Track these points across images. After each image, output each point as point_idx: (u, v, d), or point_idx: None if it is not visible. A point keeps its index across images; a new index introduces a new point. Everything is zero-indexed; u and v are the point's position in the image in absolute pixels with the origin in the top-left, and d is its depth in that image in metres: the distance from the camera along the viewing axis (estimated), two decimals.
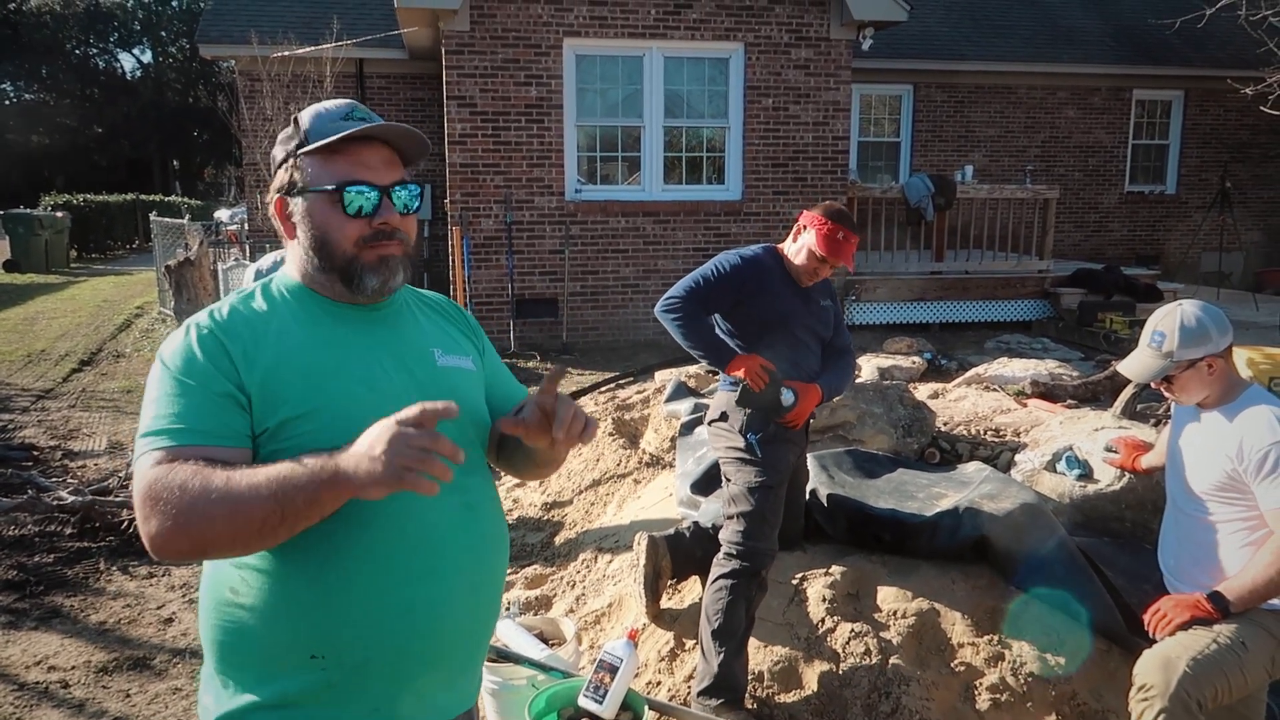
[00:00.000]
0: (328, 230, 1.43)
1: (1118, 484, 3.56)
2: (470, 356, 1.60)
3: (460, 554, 1.43)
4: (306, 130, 1.45)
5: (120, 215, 24.26)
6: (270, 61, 9.57)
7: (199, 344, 1.37)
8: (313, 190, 1.44)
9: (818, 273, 3.04)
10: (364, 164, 1.43)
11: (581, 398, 7.51)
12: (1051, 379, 5.91)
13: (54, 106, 37.20)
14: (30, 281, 16.09)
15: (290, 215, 1.47)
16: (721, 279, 3.01)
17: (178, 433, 1.31)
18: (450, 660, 1.46)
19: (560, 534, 4.58)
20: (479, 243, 9.22)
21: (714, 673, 2.84)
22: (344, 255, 1.44)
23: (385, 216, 1.44)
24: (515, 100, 9.10)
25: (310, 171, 1.44)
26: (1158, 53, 13.31)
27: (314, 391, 1.37)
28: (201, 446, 1.30)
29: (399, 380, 1.45)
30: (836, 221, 2.97)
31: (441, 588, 1.40)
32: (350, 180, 1.42)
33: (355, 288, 1.45)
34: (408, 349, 1.50)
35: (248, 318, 1.42)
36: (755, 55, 9.51)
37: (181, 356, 1.36)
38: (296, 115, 1.49)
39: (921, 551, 3.32)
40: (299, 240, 1.47)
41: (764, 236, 9.63)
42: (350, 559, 1.35)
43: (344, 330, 1.46)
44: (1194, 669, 2.36)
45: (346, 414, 1.35)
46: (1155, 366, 2.60)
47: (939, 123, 12.94)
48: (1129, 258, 13.24)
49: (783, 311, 3.01)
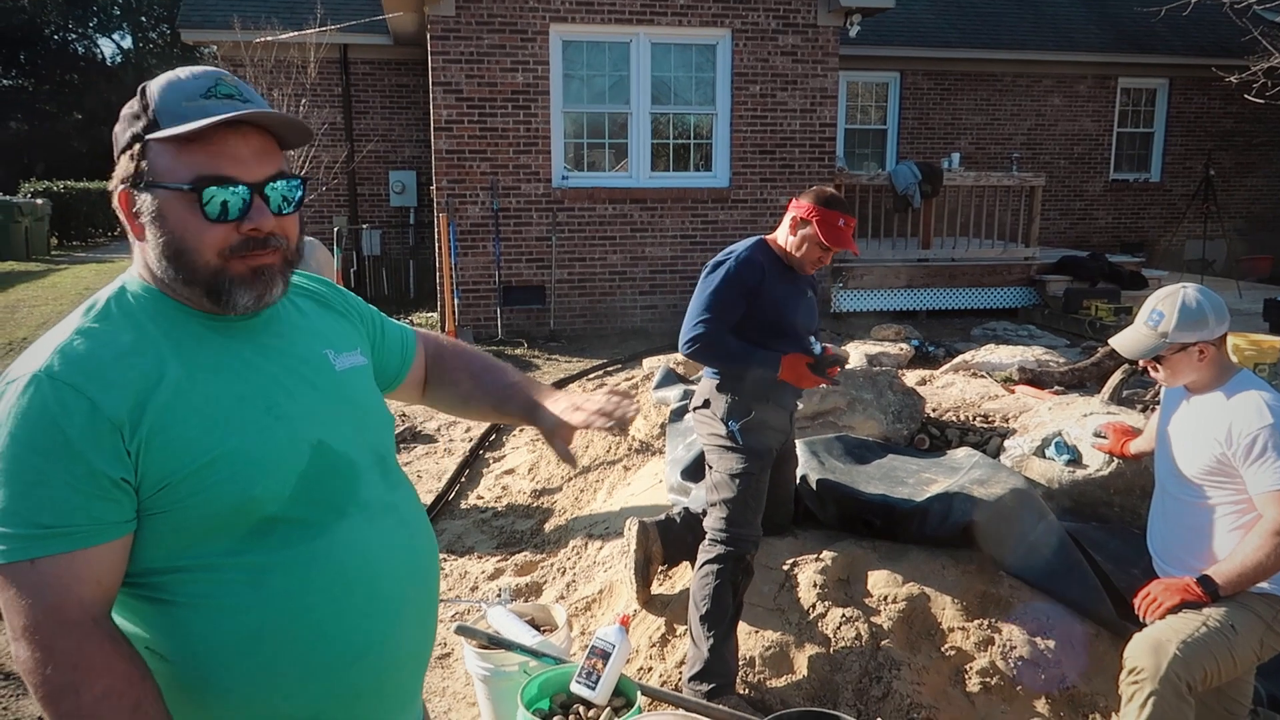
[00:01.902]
0: (184, 237, 1.15)
1: (1106, 469, 3.58)
2: (359, 348, 1.40)
3: (403, 581, 1.30)
4: (156, 109, 1.15)
5: (101, 203, 23.95)
6: (253, 47, 9.47)
7: (58, 405, 1.07)
8: (164, 186, 1.14)
9: (821, 261, 3.06)
10: (230, 155, 1.15)
11: (570, 385, 7.49)
12: (1038, 365, 5.93)
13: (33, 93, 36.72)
14: (10, 269, 15.91)
15: (138, 213, 1.17)
16: (730, 290, 2.95)
17: (33, 539, 1.05)
18: (402, 691, 1.36)
19: (550, 521, 4.57)
20: (465, 230, 9.17)
21: (704, 658, 2.84)
22: (206, 267, 1.16)
23: (256, 221, 1.16)
24: (502, 86, 9.04)
25: (161, 162, 1.14)
26: (1143, 40, 13.35)
27: (218, 433, 1.14)
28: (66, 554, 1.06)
29: (302, 399, 1.24)
30: (834, 209, 2.98)
31: (387, 623, 1.27)
32: (212, 176, 1.14)
33: (223, 304, 1.18)
34: (301, 358, 1.28)
35: (117, 352, 1.12)
36: (742, 42, 9.48)
37: (33, 426, 1.06)
38: (144, 85, 1.18)
39: (912, 536, 3.33)
40: (149, 244, 1.17)
41: (751, 224, 9.62)
42: (294, 613, 1.18)
43: (232, 348, 1.21)
44: (1184, 652, 2.38)
45: (258, 452, 1.16)
46: (1148, 344, 2.60)
47: (926, 110, 12.94)
48: (1114, 245, 13.30)
49: (782, 306, 3.02)
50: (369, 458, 1.33)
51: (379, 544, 1.28)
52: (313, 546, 1.20)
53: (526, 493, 4.95)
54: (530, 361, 8.41)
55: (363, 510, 1.28)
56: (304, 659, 1.19)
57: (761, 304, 2.97)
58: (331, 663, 1.21)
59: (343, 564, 1.22)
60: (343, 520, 1.25)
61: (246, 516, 1.17)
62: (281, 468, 1.19)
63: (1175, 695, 2.36)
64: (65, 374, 1.09)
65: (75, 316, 1.17)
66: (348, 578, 1.23)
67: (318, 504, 1.23)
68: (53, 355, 1.11)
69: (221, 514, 1.15)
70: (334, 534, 1.22)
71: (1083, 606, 3.11)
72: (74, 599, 1.07)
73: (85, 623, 1.07)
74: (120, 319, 1.17)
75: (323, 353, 1.33)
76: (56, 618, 1.06)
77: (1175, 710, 2.36)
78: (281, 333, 1.29)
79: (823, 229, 2.97)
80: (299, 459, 1.21)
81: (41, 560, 1.06)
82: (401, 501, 1.36)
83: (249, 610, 1.16)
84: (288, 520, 1.20)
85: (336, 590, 1.21)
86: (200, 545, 1.15)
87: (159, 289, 1.21)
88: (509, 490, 5.06)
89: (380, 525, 1.29)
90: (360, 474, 1.29)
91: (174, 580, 1.16)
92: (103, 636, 1.09)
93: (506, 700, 2.63)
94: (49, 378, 1.09)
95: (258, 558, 1.17)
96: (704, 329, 2.92)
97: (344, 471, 1.27)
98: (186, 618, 1.16)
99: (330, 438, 1.26)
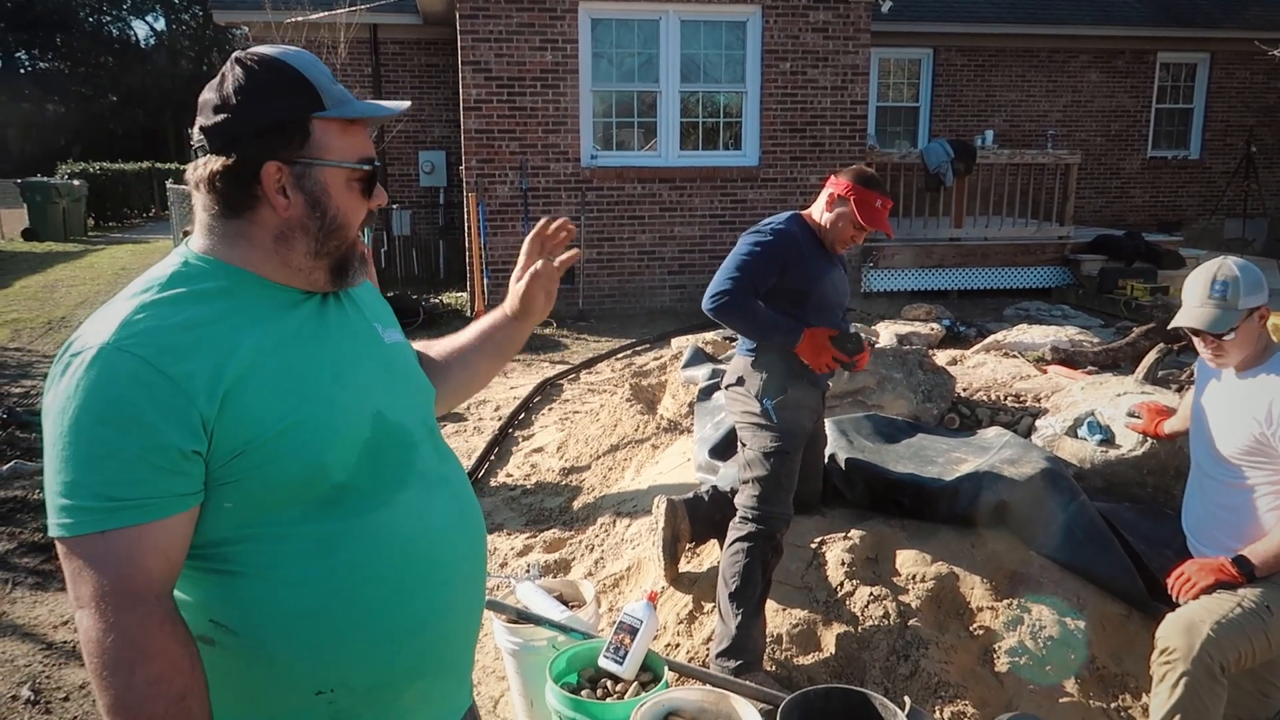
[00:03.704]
0: (346, 212, 1.23)
1: (1139, 449, 3.54)
2: (397, 328, 1.44)
3: (458, 553, 1.33)
4: (320, 89, 1.21)
5: (136, 183, 24.31)
6: (284, 27, 9.52)
7: (130, 377, 1.08)
8: (331, 164, 1.21)
9: (854, 240, 3.05)
10: (367, 140, 1.27)
11: (599, 364, 7.51)
12: (1072, 345, 5.86)
13: (69, 75, 37.21)
14: (49, 250, 16.18)
15: (284, 187, 1.20)
16: (764, 257, 2.93)
17: (105, 512, 1.07)
18: (457, 663, 1.39)
19: (579, 498, 4.60)
20: (495, 209, 9.20)
21: (732, 635, 2.85)
22: (348, 242, 1.25)
23: (380, 199, 1.29)
24: (530, 65, 9.03)
25: (328, 140, 1.21)
26: (1184, 14, 13.06)
27: (293, 401, 1.16)
28: (135, 527, 1.08)
29: (364, 368, 1.29)
30: (872, 189, 2.98)
31: (446, 593, 1.30)
32: (369, 158, 1.26)
33: (346, 278, 1.27)
34: (356, 329, 1.33)
35: (186, 323, 1.13)
36: (773, 18, 9.39)
37: (103, 399, 1.07)
38: (279, 61, 1.21)
39: (941, 516, 3.32)
40: (294, 217, 1.21)
41: (781, 203, 9.55)
42: (359, 583, 1.20)
43: (301, 320, 1.25)
44: (1218, 632, 2.35)
45: (327, 420, 1.19)
46: (1225, 316, 2.54)
47: (959, 87, 12.76)
48: (1151, 224, 13.08)
49: (815, 279, 2.99)
50: (422, 429, 1.34)
51: (437, 515, 1.30)
52: (377, 516, 1.22)
53: (555, 470, 4.98)
54: (559, 341, 8.44)
55: (421, 480, 1.30)
56: (367, 629, 1.21)
57: (793, 276, 2.96)
58: (393, 633, 1.23)
59: (406, 535, 1.25)
60: (403, 491, 1.27)
61: (315, 485, 1.18)
62: (349, 436, 1.21)
63: (1208, 676, 2.34)
64: (134, 345, 1.09)
65: (136, 289, 1.17)
66: (410, 549, 1.25)
67: (380, 474, 1.24)
68: (120, 328, 1.10)
69: (291, 482, 1.16)
70: (396, 504, 1.24)
71: (1114, 587, 3.08)
72: (142, 572, 1.08)
73: (149, 598, 1.08)
74: (187, 291, 1.17)
75: (373, 325, 1.36)
76: (123, 589, 1.07)
77: (1208, 691, 2.34)
78: (340, 307, 1.32)
79: (860, 208, 2.96)
80: (363, 427, 1.24)
81: (112, 532, 1.07)
82: (452, 474, 1.38)
83: (315, 580, 1.18)
84: (354, 489, 1.21)
85: (399, 561, 1.23)
86: (269, 514, 1.17)
87: (243, 267, 1.21)
88: (538, 468, 5.09)
89: (437, 496, 1.31)
90: (416, 444, 1.32)
91: (241, 551, 1.17)
92: (164, 616, 1.10)
93: (535, 674, 2.66)
94: (117, 350, 1.08)
95: (325, 527, 1.19)
96: (731, 287, 2.88)
97: (403, 441, 1.29)
98: (252, 588, 1.17)
99: (387, 408, 1.28)
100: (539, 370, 7.35)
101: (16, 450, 5.54)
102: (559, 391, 6.73)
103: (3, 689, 3.21)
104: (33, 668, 3.34)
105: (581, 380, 7.04)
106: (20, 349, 8.54)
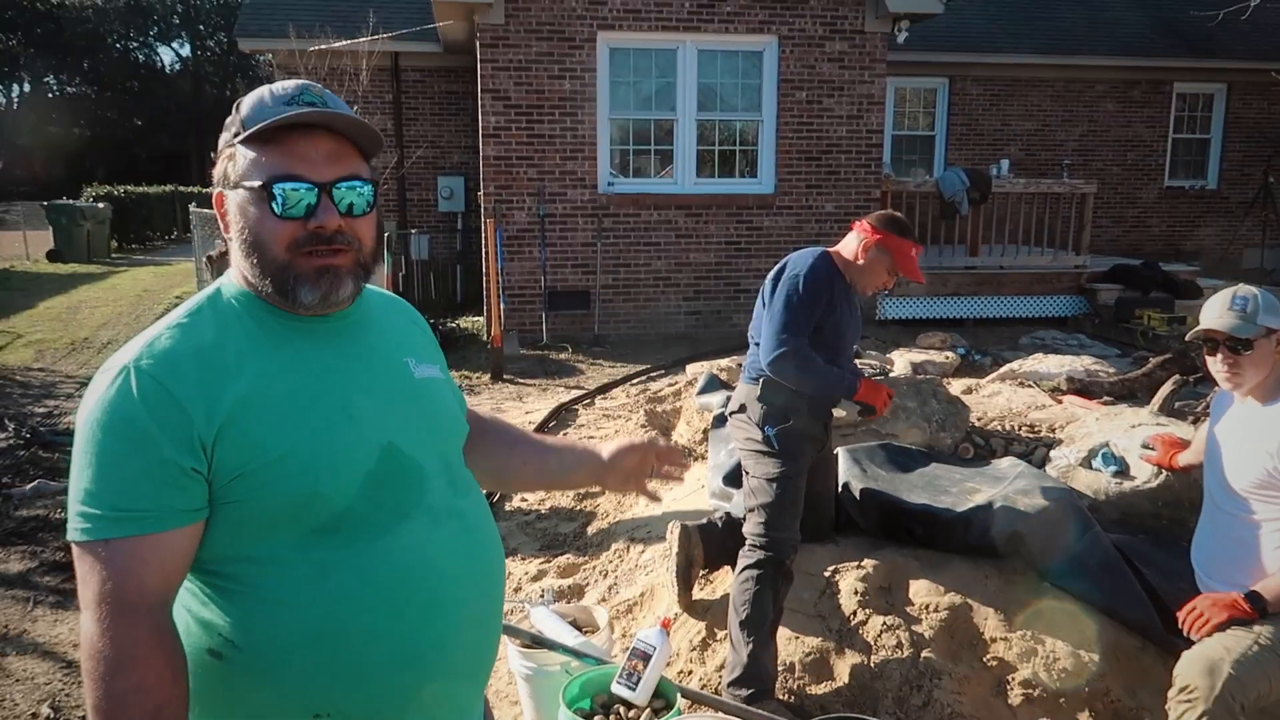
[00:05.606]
0: (258, 232, 1.23)
1: (1154, 481, 3.53)
2: (438, 365, 1.45)
3: (464, 587, 1.32)
4: (244, 116, 1.25)
5: (159, 206, 24.60)
6: (307, 55, 9.68)
7: (139, 394, 1.15)
8: (243, 186, 1.24)
9: (885, 286, 3.12)
10: (300, 156, 1.23)
11: (614, 389, 7.54)
12: (1087, 375, 5.86)
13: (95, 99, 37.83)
14: (73, 271, 16.39)
15: (226, 212, 1.27)
16: (812, 305, 2.97)
17: (110, 521, 1.12)
18: (457, 698, 1.37)
19: (592, 524, 4.62)
20: (512, 235, 9.28)
21: (743, 663, 2.86)
22: (275, 262, 1.23)
23: (322, 219, 1.23)
24: (549, 93, 9.14)
25: (243, 164, 1.24)
26: (1200, 45, 13.08)
27: (291, 429, 1.20)
28: (134, 538, 1.13)
29: (378, 401, 1.29)
30: (907, 237, 3.04)
31: (446, 627, 1.29)
32: (281, 175, 1.22)
33: (290, 300, 1.25)
34: (380, 362, 1.34)
35: (197, 347, 1.20)
36: (789, 48, 9.48)
37: (115, 412, 1.15)
38: (240, 99, 1.29)
39: (955, 546, 3.32)
40: (233, 241, 1.27)
41: (796, 230, 9.60)
42: (352, 611, 1.22)
43: (314, 349, 1.27)
44: (1238, 671, 2.33)
45: (327, 450, 1.22)
46: (1244, 325, 2.56)
47: (974, 116, 12.81)
48: (1168, 254, 13.04)
49: (842, 320, 3.06)
50: (437, 464, 1.36)
51: (441, 549, 1.30)
52: (374, 546, 1.24)
53: (569, 496, 5.00)
54: (575, 366, 8.48)
55: (427, 514, 1.30)
56: (360, 657, 1.22)
57: (830, 317, 3.00)
58: (386, 663, 1.23)
59: (404, 566, 1.25)
60: (406, 522, 1.28)
61: (313, 512, 1.21)
62: (349, 466, 1.23)
63: (1228, 714, 2.32)
64: (148, 365, 1.17)
65: (174, 314, 1.26)
66: (407, 580, 1.25)
67: (383, 505, 1.26)
68: (143, 348, 1.19)
69: (289, 507, 1.20)
70: (396, 535, 1.25)
71: (1129, 620, 3.07)
72: (134, 582, 1.13)
73: (140, 608, 1.12)
74: (210, 317, 1.25)
75: (404, 360, 1.38)
76: (116, 597, 1.12)
77: None
78: (364, 338, 1.34)
79: (900, 259, 3.02)
80: (367, 459, 1.25)
81: (114, 541, 1.13)
82: (470, 509, 1.38)
83: (311, 605, 1.20)
84: (354, 518, 1.23)
85: (395, 592, 1.24)
86: (269, 537, 1.21)
87: (251, 291, 1.28)
88: (552, 493, 5.11)
89: (444, 530, 1.31)
90: (427, 479, 1.33)
91: (244, 570, 1.21)
92: (153, 628, 1.13)
93: (548, 699, 2.67)
94: (135, 368, 1.17)
95: (322, 554, 1.22)
96: (793, 342, 2.92)
97: (411, 474, 1.30)
98: (254, 608, 1.21)
99: (401, 441, 1.30)
100: (554, 395, 7.38)
101: (39, 470, 5.61)
102: (574, 417, 6.76)
103: (24, 707, 3.24)
104: (53, 686, 3.37)
105: (596, 405, 7.07)
106: (44, 369, 8.65)
